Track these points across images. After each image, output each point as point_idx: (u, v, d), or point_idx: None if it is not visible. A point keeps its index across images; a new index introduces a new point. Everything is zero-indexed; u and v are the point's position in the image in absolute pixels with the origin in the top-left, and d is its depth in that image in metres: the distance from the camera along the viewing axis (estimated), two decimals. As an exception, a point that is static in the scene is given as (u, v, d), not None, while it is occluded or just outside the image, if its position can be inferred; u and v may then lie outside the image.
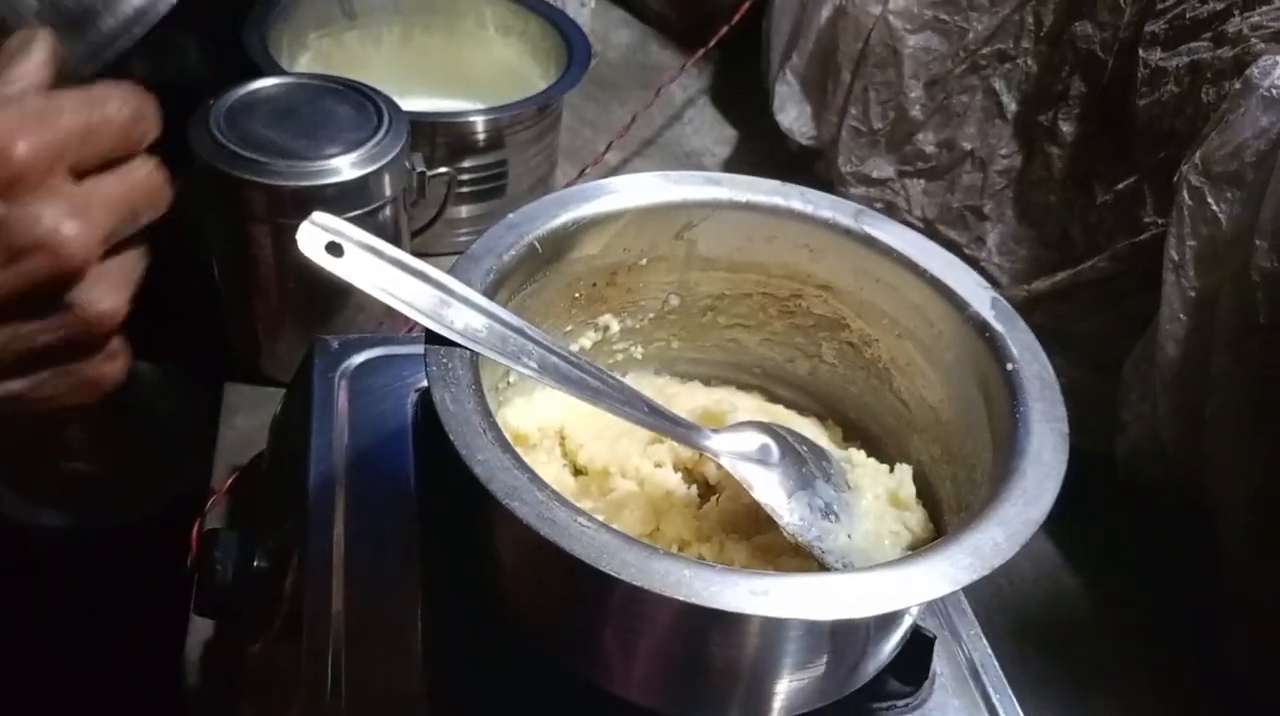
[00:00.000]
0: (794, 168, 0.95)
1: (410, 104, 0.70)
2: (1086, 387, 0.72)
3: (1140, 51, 0.67)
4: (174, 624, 0.66)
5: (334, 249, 0.40)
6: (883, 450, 0.51)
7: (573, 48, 0.87)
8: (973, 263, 0.79)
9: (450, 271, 0.42)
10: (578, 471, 0.50)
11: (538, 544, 0.35)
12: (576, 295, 0.50)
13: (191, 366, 1.11)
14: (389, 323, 0.72)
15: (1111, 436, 0.70)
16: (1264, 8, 0.60)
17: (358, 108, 0.67)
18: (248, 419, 0.71)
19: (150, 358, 1.19)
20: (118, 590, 1.07)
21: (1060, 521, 0.72)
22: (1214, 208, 0.59)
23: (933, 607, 0.49)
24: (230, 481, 0.65)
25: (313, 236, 0.39)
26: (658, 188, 0.49)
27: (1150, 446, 0.66)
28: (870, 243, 0.48)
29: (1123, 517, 0.71)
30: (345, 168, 0.63)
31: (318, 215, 0.39)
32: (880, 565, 0.36)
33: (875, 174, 0.86)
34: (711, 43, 0.93)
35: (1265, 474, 0.60)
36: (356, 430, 0.54)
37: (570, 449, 0.50)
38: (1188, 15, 0.64)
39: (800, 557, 0.43)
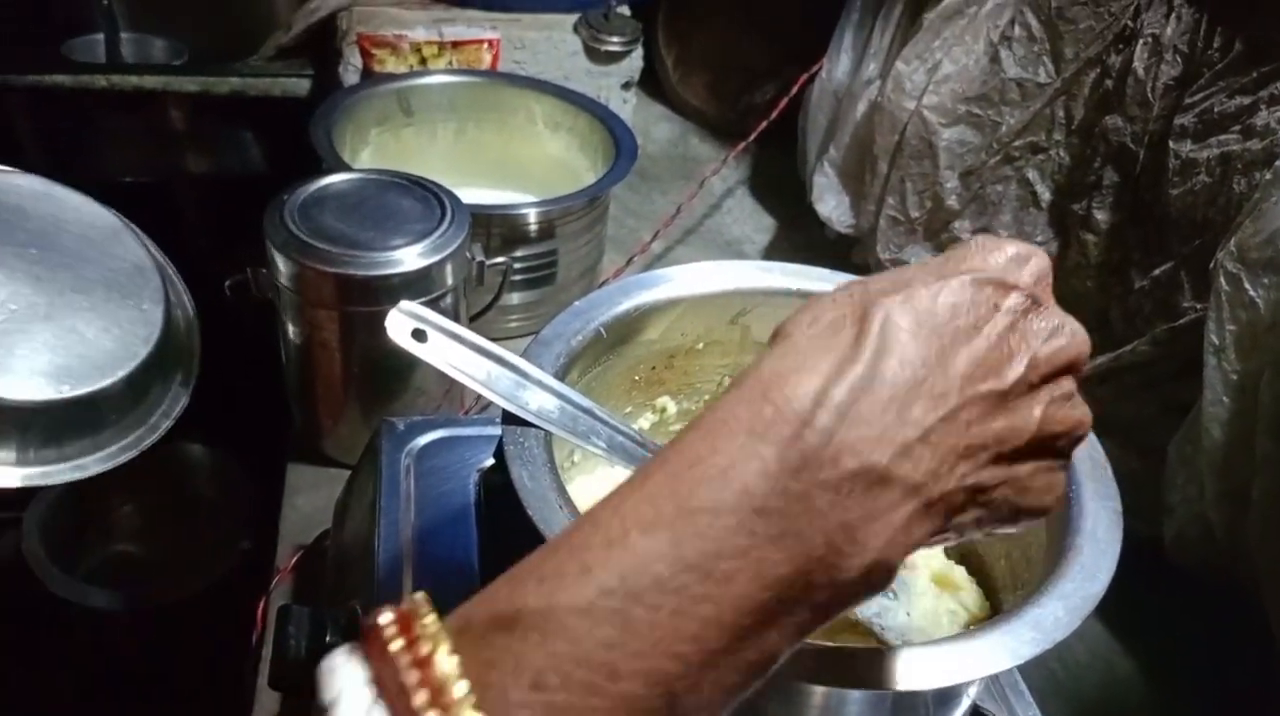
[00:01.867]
0: (832, 255, 0.98)
1: (464, 194, 0.73)
2: (1131, 470, 0.72)
3: (1171, 144, 0.70)
4: (230, 699, 0.67)
5: (419, 335, 0.42)
6: (935, 529, 0.52)
7: (619, 142, 0.91)
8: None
9: (523, 355, 0.44)
10: (638, 549, 0.51)
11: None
12: (636, 378, 0.53)
13: (249, 449, 1.14)
14: (446, 404, 0.74)
15: (1158, 519, 0.70)
16: (1290, 103, 0.62)
17: (422, 201, 0.70)
18: (309, 499, 0.73)
19: (204, 441, 1.22)
20: (168, 668, 1.08)
21: (1112, 604, 0.72)
22: (1251, 293, 0.60)
23: (991, 690, 0.49)
24: (294, 560, 0.67)
25: (400, 323, 0.42)
26: (713, 276, 0.52)
27: (1198, 529, 0.67)
28: (919, 328, 0.50)
29: (1174, 600, 0.71)
30: (411, 258, 0.66)
31: (405, 303, 0.42)
32: (942, 639, 0.37)
33: (913, 261, 0.88)
34: (751, 137, 0.97)
35: (1315, 555, 0.60)
36: (422, 508, 0.56)
37: (630, 527, 0.51)
38: (1215, 110, 0.67)
39: (860, 635, 0.44)
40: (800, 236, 1.04)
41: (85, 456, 0.59)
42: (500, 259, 0.78)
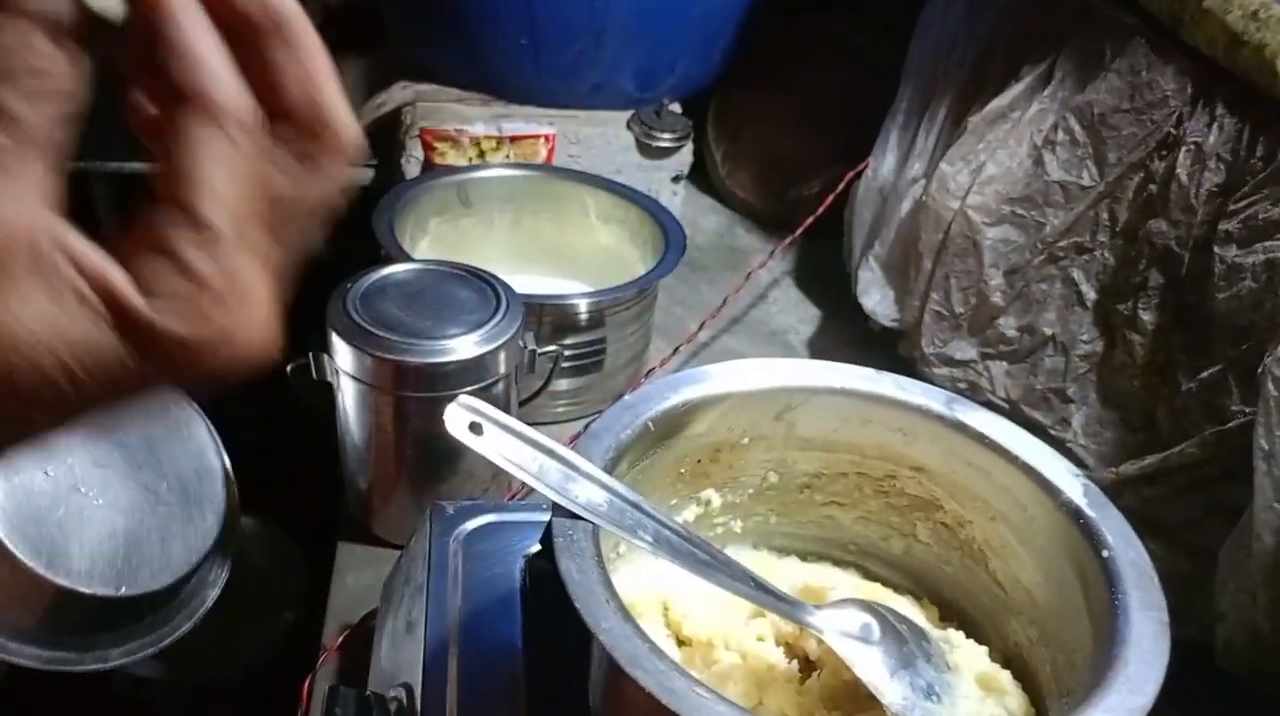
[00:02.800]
0: (877, 347, 0.99)
1: (518, 282, 0.76)
2: (1178, 573, 0.72)
3: (1216, 248, 0.71)
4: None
5: (475, 428, 0.44)
6: (979, 631, 0.52)
7: (669, 235, 0.94)
8: (1058, 444, 0.81)
9: (574, 448, 0.46)
10: (680, 642, 0.52)
11: (655, 711, 0.37)
12: (682, 471, 0.54)
13: (302, 526, 1.16)
14: (494, 487, 0.76)
15: (1206, 624, 0.69)
16: (1334, 212, 0.63)
17: (478, 291, 0.73)
18: (358, 577, 0.75)
19: (259, 515, 1.24)
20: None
21: (1161, 713, 0.71)
22: (1299, 399, 0.60)
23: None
24: (341, 639, 0.68)
25: (458, 417, 0.43)
26: (760, 373, 0.53)
27: (1249, 636, 0.65)
28: (962, 428, 0.51)
29: (1225, 709, 0.70)
30: (466, 347, 0.69)
31: (463, 398, 0.44)
32: (989, 747, 0.37)
33: (958, 356, 0.89)
34: (799, 231, 0.99)
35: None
36: (469, 593, 0.58)
37: (673, 619, 0.52)
38: (1260, 216, 0.68)
39: (904, 739, 0.44)
40: (845, 328, 1.06)
41: (110, 648, 0.61)
42: (551, 347, 0.80)
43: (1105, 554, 0.44)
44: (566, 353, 0.85)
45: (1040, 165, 0.83)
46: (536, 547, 0.60)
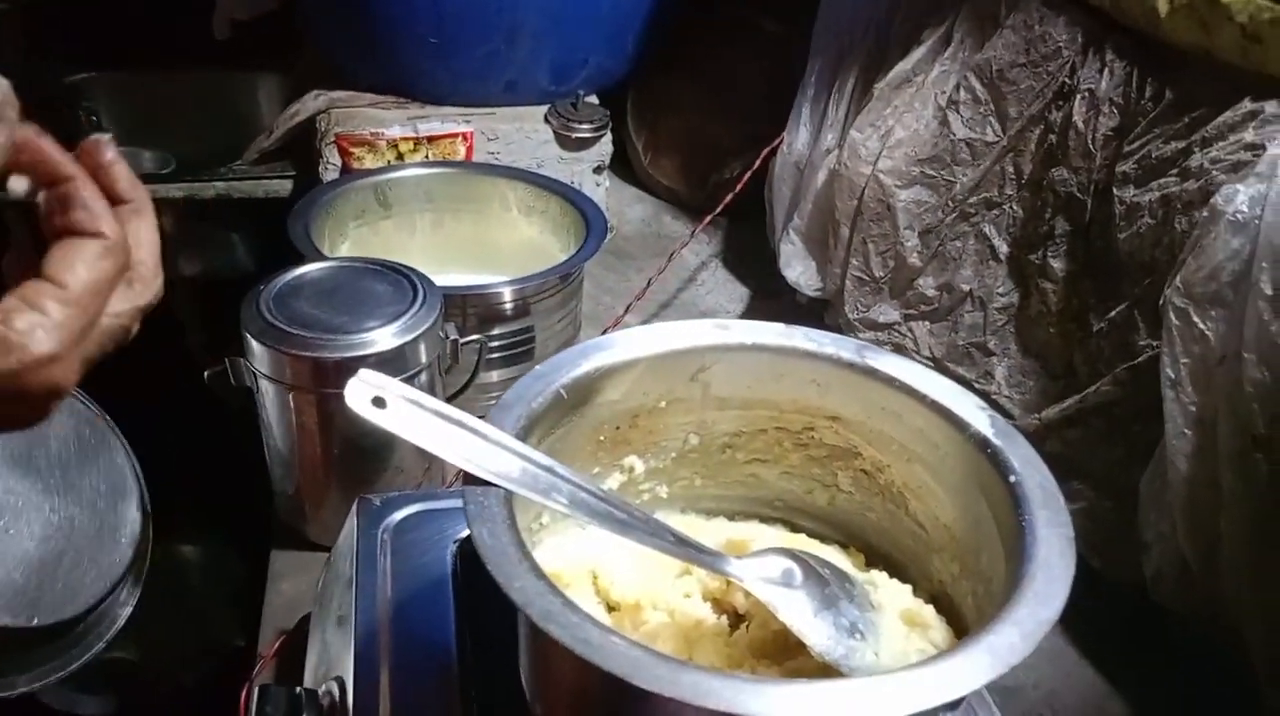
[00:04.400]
0: (804, 318, 0.99)
1: (443, 280, 0.76)
2: (1106, 514, 0.73)
3: (1115, 190, 0.72)
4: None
5: (379, 403, 0.43)
6: (905, 572, 0.53)
7: (590, 221, 0.94)
8: (984, 396, 0.82)
9: (485, 419, 0.46)
10: (610, 608, 0.51)
11: (575, 666, 0.37)
12: (601, 438, 0.54)
13: (238, 542, 1.14)
14: (427, 482, 0.75)
15: (1138, 561, 0.71)
16: (1220, 144, 0.65)
17: (395, 284, 0.73)
18: (293, 584, 0.74)
19: (191, 539, 1.22)
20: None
21: (1100, 650, 0.72)
22: (1200, 327, 0.62)
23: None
24: (278, 644, 0.67)
25: (359, 392, 0.43)
26: (671, 335, 0.54)
27: (1174, 566, 0.67)
28: (873, 374, 0.52)
29: (1161, 640, 0.71)
30: (384, 338, 0.68)
31: (364, 372, 0.43)
32: (901, 668, 0.38)
33: (881, 319, 0.90)
34: (718, 209, 1.00)
35: (1290, 583, 0.60)
36: (399, 582, 0.57)
37: (602, 586, 0.52)
38: (1153, 155, 0.70)
39: (828, 675, 0.45)
40: (773, 303, 1.07)
41: (17, 674, 0.59)
42: (475, 336, 0.80)
43: (1012, 479, 0.45)
44: (494, 343, 0.84)
45: (946, 125, 0.84)
46: (467, 533, 0.60)
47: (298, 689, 0.53)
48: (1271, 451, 0.60)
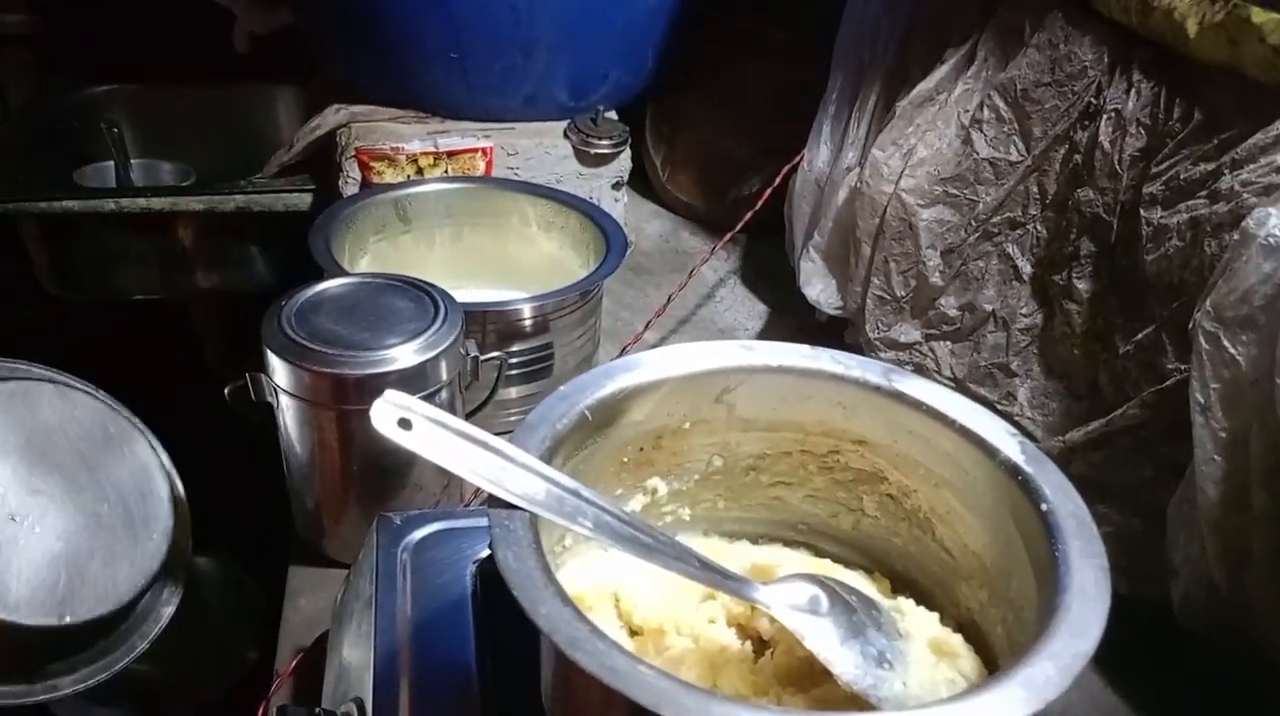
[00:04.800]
0: (824, 336, 0.99)
1: (462, 295, 0.76)
2: (1134, 534, 0.72)
3: (1142, 212, 0.72)
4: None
5: (404, 424, 0.43)
6: (931, 599, 0.52)
7: (609, 238, 0.93)
8: (1006, 418, 0.81)
9: (509, 440, 0.45)
10: (633, 632, 0.51)
11: (600, 694, 0.36)
12: (625, 460, 0.53)
13: (256, 557, 1.14)
14: (445, 500, 0.75)
15: (1165, 582, 0.70)
16: (1251, 166, 0.64)
17: (416, 301, 0.73)
18: (310, 600, 0.73)
19: (212, 552, 1.22)
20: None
21: (1124, 672, 0.71)
22: (1231, 351, 0.61)
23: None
24: (295, 662, 0.66)
25: (385, 413, 0.43)
26: (696, 356, 0.53)
27: (1203, 589, 0.66)
28: (900, 397, 0.51)
29: (1186, 663, 0.70)
30: (405, 356, 0.68)
31: (390, 393, 0.43)
32: (935, 702, 0.37)
33: (903, 338, 0.89)
34: (738, 227, 0.99)
35: (1323, 611, 0.59)
36: (419, 601, 0.57)
37: (625, 610, 0.51)
38: (1182, 177, 0.69)
39: (858, 709, 0.44)
40: (792, 321, 1.06)
41: (61, 676, 0.59)
42: (495, 353, 0.79)
43: (1044, 507, 0.44)
44: (513, 359, 0.84)
45: (969, 144, 0.84)
46: (487, 552, 0.59)
47: (316, 710, 0.53)
48: (1304, 477, 0.59)
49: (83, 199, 1.16)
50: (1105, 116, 0.75)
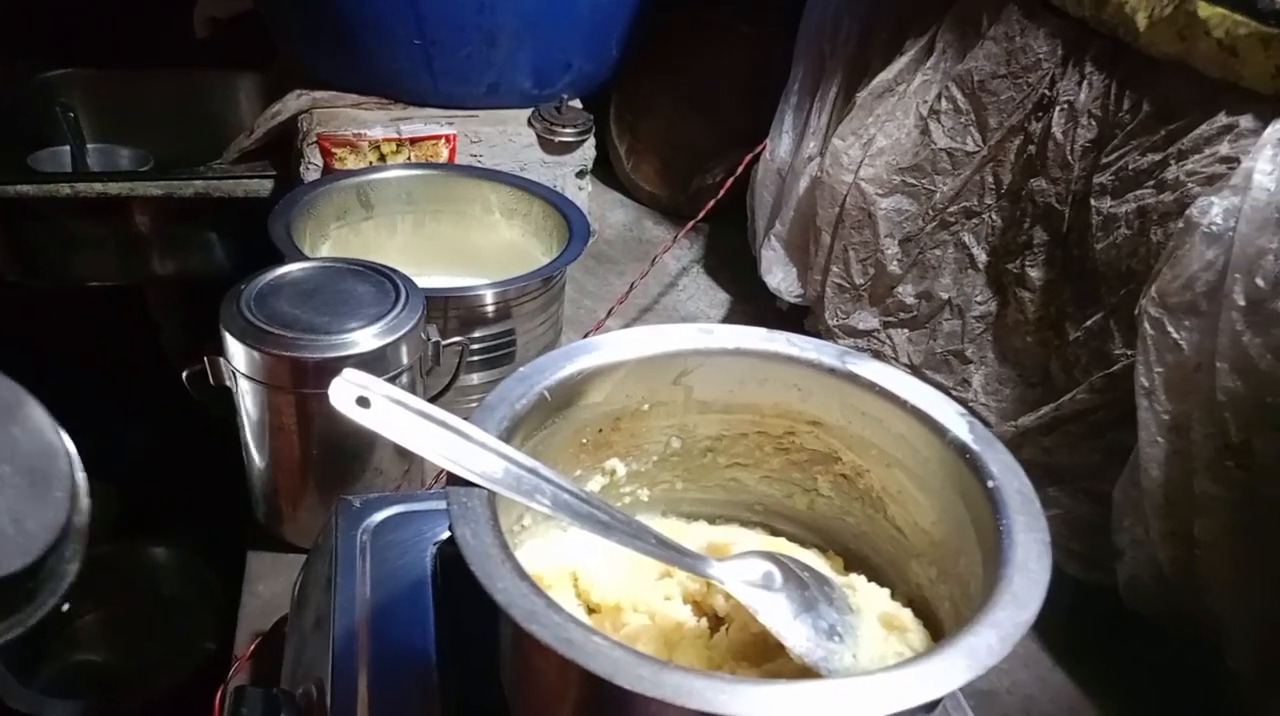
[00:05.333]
0: (785, 324, 1.00)
1: (424, 282, 0.75)
2: (1084, 518, 0.74)
3: (1092, 201, 0.73)
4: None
5: (363, 402, 0.43)
6: (883, 576, 0.53)
7: (572, 225, 0.94)
8: (960, 404, 0.83)
9: (469, 420, 0.46)
10: (591, 610, 0.51)
11: (557, 667, 0.37)
12: (584, 441, 0.54)
13: (214, 546, 1.13)
14: (406, 484, 0.75)
15: (1112, 566, 0.71)
16: (1196, 156, 0.66)
17: (376, 285, 0.72)
18: (269, 586, 0.73)
19: (167, 542, 1.21)
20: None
21: (1073, 652, 0.73)
22: (1175, 336, 0.63)
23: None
24: (253, 646, 0.66)
25: (344, 391, 0.43)
26: (655, 339, 0.54)
27: (1149, 572, 0.68)
28: (854, 379, 0.52)
29: (1133, 644, 0.72)
30: (365, 339, 0.68)
31: (349, 372, 0.43)
32: (878, 669, 0.38)
33: (861, 326, 0.91)
34: (700, 215, 1.00)
35: (1261, 592, 0.61)
36: (378, 584, 0.57)
37: (583, 589, 0.52)
38: (1130, 167, 0.71)
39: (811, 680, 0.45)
40: (754, 309, 1.07)
41: None
42: (456, 338, 0.79)
43: (990, 484, 0.45)
44: (475, 345, 0.84)
45: (927, 134, 0.85)
46: (447, 534, 0.60)
47: (274, 690, 0.53)
48: (1244, 458, 0.60)
49: (38, 183, 1.14)
50: (1058, 108, 0.76)
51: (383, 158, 1.09)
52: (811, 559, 0.54)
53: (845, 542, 0.56)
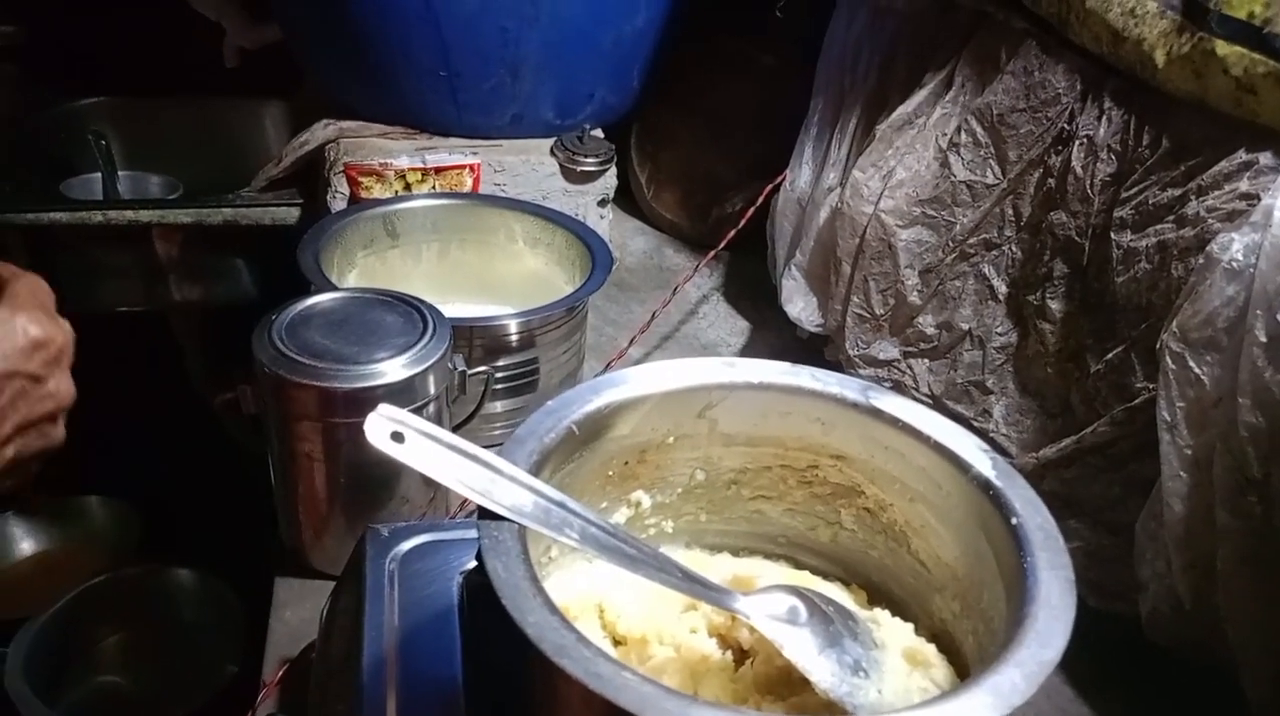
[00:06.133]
0: (804, 353, 1.01)
1: (448, 311, 0.77)
2: (1103, 551, 0.74)
3: (1112, 235, 0.74)
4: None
5: (397, 437, 0.44)
6: (906, 610, 0.54)
7: (595, 254, 0.95)
8: (981, 434, 0.83)
9: (499, 453, 0.47)
10: (617, 642, 0.52)
11: (585, 699, 0.37)
12: (610, 473, 0.55)
13: (239, 571, 1.14)
14: (431, 512, 0.76)
15: (1134, 597, 0.71)
16: (1215, 192, 0.66)
17: (405, 316, 0.74)
18: (296, 612, 0.74)
19: (192, 565, 1.22)
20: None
21: (1095, 684, 0.73)
22: (1196, 371, 0.63)
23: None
24: (281, 673, 0.67)
25: (378, 426, 0.44)
26: (680, 373, 0.54)
27: (1170, 604, 0.68)
28: (877, 414, 0.53)
29: (1155, 677, 0.72)
30: (394, 370, 0.69)
31: (383, 407, 0.44)
32: (905, 708, 0.38)
33: (881, 356, 0.91)
34: (721, 245, 1.01)
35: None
36: (406, 612, 0.57)
37: (609, 620, 0.53)
38: (1150, 202, 0.71)
39: (835, 713, 0.45)
40: (774, 337, 1.08)
41: None
42: (482, 368, 0.81)
43: (1014, 521, 0.46)
44: (499, 374, 0.85)
45: (947, 167, 0.86)
46: (474, 564, 0.60)
47: (304, 718, 0.54)
48: (1265, 492, 0.61)
49: (70, 211, 1.17)
50: (1077, 142, 0.77)
51: (408, 187, 1.11)
52: (836, 593, 0.55)
53: (869, 576, 0.57)
